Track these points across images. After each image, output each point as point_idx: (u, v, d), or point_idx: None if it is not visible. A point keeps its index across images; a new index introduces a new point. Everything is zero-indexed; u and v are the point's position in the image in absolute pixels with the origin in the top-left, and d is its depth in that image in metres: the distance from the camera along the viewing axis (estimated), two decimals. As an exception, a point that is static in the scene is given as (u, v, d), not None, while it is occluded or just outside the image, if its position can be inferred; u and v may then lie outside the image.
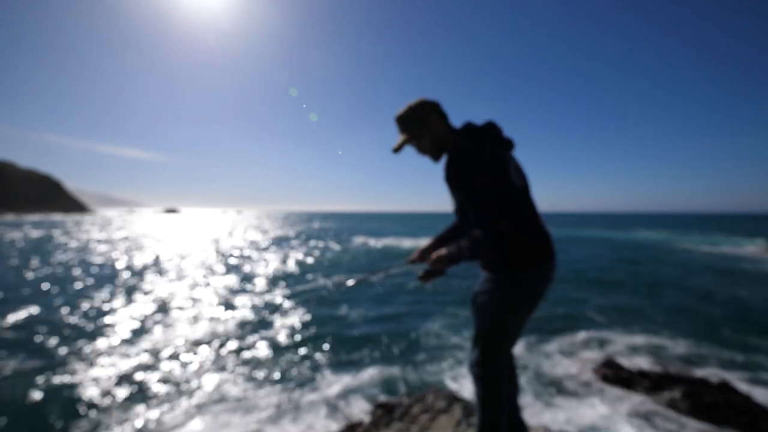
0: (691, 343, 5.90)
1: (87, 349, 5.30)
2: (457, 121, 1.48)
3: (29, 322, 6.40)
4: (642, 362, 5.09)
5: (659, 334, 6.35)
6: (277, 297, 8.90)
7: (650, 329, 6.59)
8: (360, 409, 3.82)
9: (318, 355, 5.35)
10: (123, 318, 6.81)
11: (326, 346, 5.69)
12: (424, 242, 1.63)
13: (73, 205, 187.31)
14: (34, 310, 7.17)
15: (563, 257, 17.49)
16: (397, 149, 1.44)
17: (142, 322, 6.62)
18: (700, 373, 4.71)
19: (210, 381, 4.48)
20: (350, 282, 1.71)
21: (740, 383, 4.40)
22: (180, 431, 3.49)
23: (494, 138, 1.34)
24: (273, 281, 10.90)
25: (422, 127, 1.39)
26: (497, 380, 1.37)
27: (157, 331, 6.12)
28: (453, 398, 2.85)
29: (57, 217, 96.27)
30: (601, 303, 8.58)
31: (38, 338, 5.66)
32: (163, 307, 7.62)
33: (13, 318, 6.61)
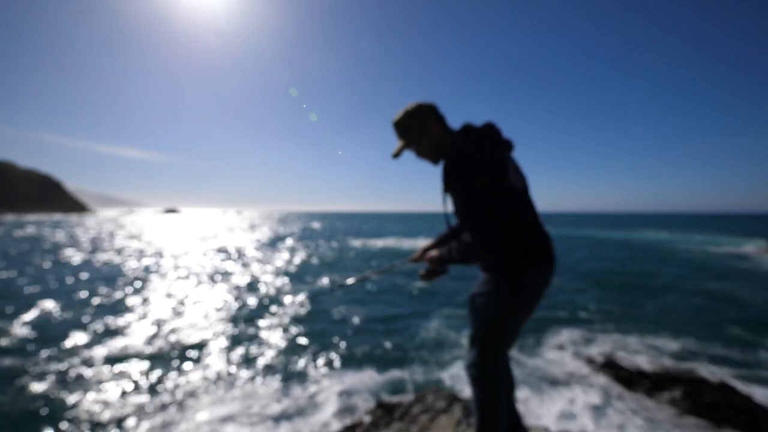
0: (690, 343, 5.90)
1: (87, 348, 5.30)
2: (457, 121, 1.45)
3: (33, 321, 6.41)
4: (642, 362, 5.08)
5: (659, 333, 6.35)
6: (278, 296, 8.89)
7: (650, 329, 6.59)
8: (360, 409, 3.82)
9: (318, 355, 5.35)
10: (122, 317, 6.81)
11: (327, 346, 5.68)
12: (423, 242, 1.74)
13: (73, 205, 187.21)
14: (39, 307, 7.17)
15: (563, 257, 17.48)
16: (396, 155, 1.44)
17: (142, 321, 6.61)
18: (700, 372, 4.71)
19: (210, 379, 4.48)
20: (350, 281, 1.69)
21: (740, 382, 4.40)
22: (181, 429, 3.50)
23: (493, 139, 1.33)
24: (273, 281, 10.89)
25: (420, 132, 1.38)
26: (495, 381, 1.35)
27: (157, 330, 6.12)
28: (453, 398, 2.85)
29: (57, 217, 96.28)
30: (600, 303, 8.58)
31: (42, 335, 5.66)
32: (164, 307, 7.62)
33: (16, 315, 6.62)
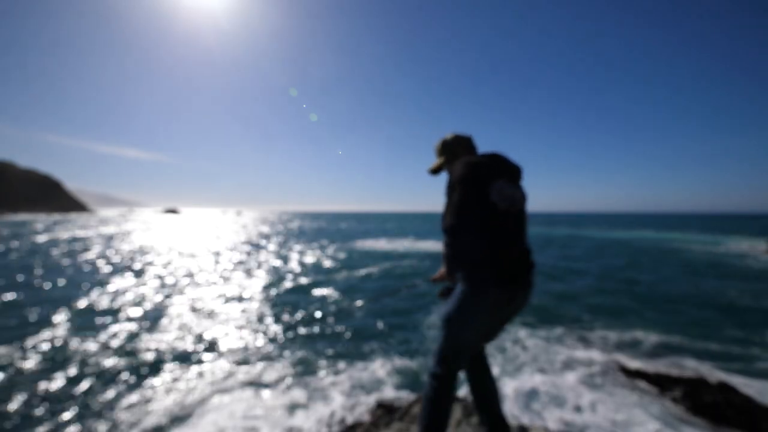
0: (690, 342, 5.91)
1: (92, 348, 5.32)
2: (458, 120, 1.63)
3: (43, 321, 6.41)
4: (642, 362, 5.09)
5: (658, 333, 6.35)
6: (286, 297, 8.90)
7: (649, 329, 6.59)
8: (360, 409, 3.82)
9: (318, 355, 5.36)
10: (123, 317, 6.83)
11: (327, 347, 5.70)
12: (420, 242, 1.85)
13: (73, 205, 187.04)
14: (50, 308, 7.18)
15: (562, 257, 17.49)
16: (434, 171, 1.77)
17: (145, 321, 6.63)
18: (700, 372, 4.71)
19: (212, 377, 4.49)
20: (372, 297, 1.88)
21: (740, 381, 4.40)
22: (184, 424, 3.50)
23: (491, 161, 1.47)
24: (278, 283, 10.90)
25: (452, 156, 1.70)
26: (450, 382, 1.46)
27: (163, 330, 6.14)
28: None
29: (57, 217, 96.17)
30: (600, 302, 8.59)
31: (48, 335, 5.68)
32: (167, 306, 7.63)
33: (28, 314, 6.63)
